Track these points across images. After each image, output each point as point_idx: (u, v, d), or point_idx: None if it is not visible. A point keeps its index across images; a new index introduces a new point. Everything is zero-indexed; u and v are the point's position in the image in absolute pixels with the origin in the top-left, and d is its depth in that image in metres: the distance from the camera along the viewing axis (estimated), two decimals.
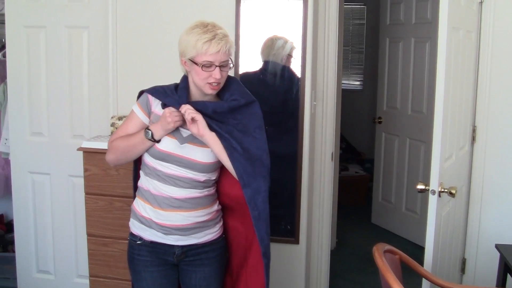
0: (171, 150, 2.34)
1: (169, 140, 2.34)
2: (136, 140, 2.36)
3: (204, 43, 2.21)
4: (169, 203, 2.37)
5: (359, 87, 7.92)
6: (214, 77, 2.26)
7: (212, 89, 2.30)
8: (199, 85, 2.31)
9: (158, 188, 2.38)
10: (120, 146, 2.39)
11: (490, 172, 3.64)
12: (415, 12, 5.26)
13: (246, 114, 2.39)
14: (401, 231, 5.57)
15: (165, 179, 2.36)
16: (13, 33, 3.73)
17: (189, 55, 2.26)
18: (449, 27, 2.70)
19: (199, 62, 2.24)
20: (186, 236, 2.41)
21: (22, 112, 3.79)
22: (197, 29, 2.25)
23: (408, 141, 5.44)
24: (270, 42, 3.42)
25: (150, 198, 2.41)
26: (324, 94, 3.75)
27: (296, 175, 3.43)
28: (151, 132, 2.31)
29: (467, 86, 3.37)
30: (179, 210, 2.37)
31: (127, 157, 2.43)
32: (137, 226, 2.47)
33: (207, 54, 2.22)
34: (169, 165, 2.35)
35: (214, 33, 2.23)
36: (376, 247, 2.49)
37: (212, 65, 2.24)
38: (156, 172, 2.38)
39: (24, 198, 3.88)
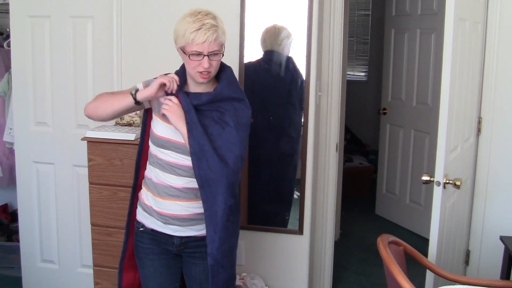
0: (168, 136, 2.38)
1: (166, 126, 2.38)
2: (120, 93, 2.44)
3: (191, 33, 2.24)
4: (168, 192, 2.41)
5: (364, 78, 7.90)
6: (202, 66, 2.27)
7: (203, 78, 2.32)
8: (190, 74, 2.36)
9: (158, 176, 2.43)
10: (103, 98, 2.44)
11: (495, 164, 3.63)
12: (421, 3, 5.23)
13: (229, 108, 2.39)
14: (405, 223, 5.56)
15: (165, 167, 2.40)
16: (17, 23, 3.73)
17: (179, 44, 2.31)
18: (455, 18, 2.68)
19: (188, 52, 2.27)
20: (184, 227, 2.44)
21: (27, 102, 3.79)
22: (188, 18, 2.28)
23: (412, 132, 5.43)
24: (274, 31, 3.41)
25: (152, 186, 2.46)
26: (329, 85, 3.74)
27: (301, 166, 3.43)
28: (136, 90, 2.37)
29: (473, 78, 3.36)
30: (177, 199, 2.41)
31: (105, 107, 2.42)
32: (141, 213, 2.54)
33: (194, 44, 2.24)
34: (169, 152, 2.39)
35: (201, 22, 2.24)
36: (381, 238, 2.49)
37: (201, 54, 2.26)
38: (158, 160, 2.42)
39: (28, 188, 3.88)
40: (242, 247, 3.54)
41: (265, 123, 3.47)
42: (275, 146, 3.53)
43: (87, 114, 2.48)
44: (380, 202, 5.98)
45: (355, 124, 7.35)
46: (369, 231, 5.48)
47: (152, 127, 2.47)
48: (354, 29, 7.63)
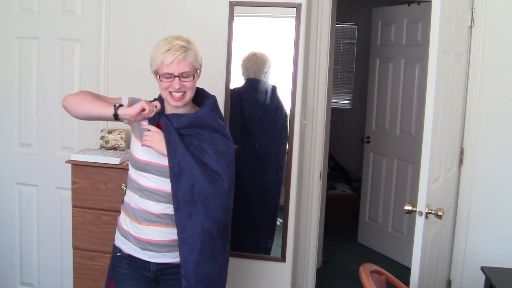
0: (149, 159, 2.37)
1: (145, 149, 2.37)
2: (103, 101, 2.42)
3: (160, 55, 2.28)
4: (145, 217, 2.39)
5: (348, 106, 7.95)
6: (173, 87, 2.29)
7: (175, 100, 2.33)
8: (163, 96, 2.37)
9: (137, 201, 2.41)
10: (88, 95, 2.43)
11: (477, 194, 3.66)
12: (406, 34, 5.31)
13: (206, 137, 2.37)
14: (387, 251, 5.57)
15: (143, 193, 2.39)
16: (5, 43, 3.73)
17: (152, 67, 2.35)
18: (439, 50, 2.73)
19: (159, 74, 2.30)
20: (160, 254, 2.42)
21: (11, 123, 3.78)
22: (160, 41, 2.33)
23: (396, 161, 5.46)
24: (255, 59, 3.44)
25: (130, 211, 2.45)
26: (314, 113, 3.77)
27: (284, 193, 3.44)
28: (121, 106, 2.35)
29: (456, 109, 3.40)
30: (155, 224, 2.39)
31: (83, 107, 2.39)
32: (119, 238, 2.52)
33: (164, 65, 2.28)
34: (150, 175, 2.37)
35: (171, 44, 2.28)
36: (363, 267, 2.49)
37: (172, 75, 2.28)
38: (137, 185, 2.41)
39: (10, 209, 3.85)
40: None
41: (249, 150, 3.48)
42: (259, 173, 3.54)
43: (64, 104, 2.44)
44: (362, 230, 5.99)
45: (339, 151, 7.38)
46: (352, 258, 5.48)
47: (132, 150, 2.45)
48: (339, 57, 7.70)
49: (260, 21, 3.45)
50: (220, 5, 3.38)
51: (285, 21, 3.36)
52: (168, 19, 3.47)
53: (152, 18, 3.49)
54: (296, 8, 3.30)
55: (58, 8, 3.64)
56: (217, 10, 3.40)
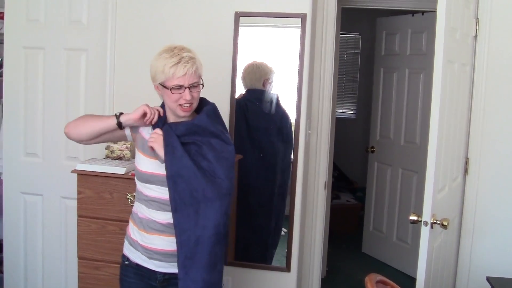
0: (153, 171, 2.39)
1: (149, 161, 2.40)
2: (101, 117, 2.48)
3: (171, 68, 2.28)
4: (153, 227, 2.41)
5: (353, 116, 7.95)
6: (184, 99, 2.31)
7: (184, 111, 2.36)
8: (171, 108, 2.38)
9: (144, 212, 2.44)
10: (87, 116, 2.52)
11: (482, 204, 3.65)
12: (410, 44, 5.31)
13: (205, 142, 2.39)
14: (392, 261, 5.56)
15: (150, 203, 2.42)
16: (11, 53, 3.75)
17: (159, 80, 2.33)
18: (444, 60, 2.73)
19: (169, 86, 2.30)
20: (167, 263, 2.42)
21: (17, 132, 3.80)
22: (164, 54, 2.33)
23: (400, 171, 5.45)
24: (252, 68, 3.47)
25: (137, 221, 2.48)
26: (319, 123, 3.78)
27: (290, 203, 3.44)
28: (121, 114, 2.41)
29: (461, 118, 3.40)
30: (162, 234, 2.40)
31: (85, 126, 2.45)
32: (127, 247, 2.55)
33: (175, 78, 2.28)
34: (154, 186, 2.39)
35: (180, 56, 2.29)
36: (369, 277, 2.48)
37: (182, 87, 2.30)
38: (143, 196, 2.44)
39: (15, 219, 3.86)
40: (229, 284, 3.52)
41: (254, 159, 3.49)
42: (265, 182, 3.54)
43: (67, 131, 2.49)
44: (367, 240, 5.98)
45: (343, 161, 7.37)
46: (356, 268, 5.46)
47: (136, 164, 2.49)
48: (343, 66, 7.70)
49: (265, 31, 3.47)
50: (226, 15, 3.40)
51: (290, 31, 3.37)
52: (174, 30, 3.49)
53: (158, 28, 3.51)
54: (301, 19, 3.31)
55: (64, 19, 3.67)
56: (222, 20, 3.41)
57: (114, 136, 2.51)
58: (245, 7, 3.39)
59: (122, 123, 2.40)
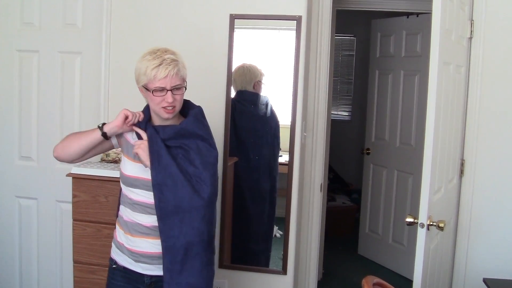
0: (137, 174, 2.40)
1: (134, 165, 2.41)
2: (86, 133, 2.45)
3: (152, 70, 2.27)
4: (138, 230, 2.42)
5: (348, 118, 7.96)
6: (166, 101, 2.30)
7: (167, 113, 2.35)
8: (155, 110, 2.38)
9: (129, 215, 2.45)
10: (71, 136, 2.47)
11: (478, 206, 3.65)
12: (405, 46, 5.32)
13: (193, 147, 2.39)
14: (388, 263, 5.56)
15: (134, 206, 2.42)
16: (5, 57, 3.74)
17: (141, 82, 2.34)
18: (440, 62, 2.73)
19: (151, 88, 2.30)
20: (153, 266, 2.44)
21: (12, 136, 3.79)
22: (147, 56, 2.33)
23: (396, 173, 5.46)
24: (243, 70, 3.46)
25: (123, 224, 2.49)
26: (314, 125, 3.77)
27: (285, 205, 3.43)
28: (103, 124, 2.41)
29: (456, 120, 3.40)
30: (147, 237, 2.41)
31: (72, 145, 2.44)
32: (114, 250, 2.56)
33: (157, 80, 2.28)
34: (139, 190, 2.40)
35: (161, 58, 2.29)
36: (365, 279, 2.48)
37: (164, 89, 2.29)
38: (128, 200, 2.45)
39: (10, 223, 3.85)
40: (225, 287, 3.51)
41: (242, 161, 3.49)
42: (254, 184, 3.54)
43: (56, 155, 2.49)
44: (363, 242, 5.98)
45: (338, 163, 7.37)
46: (352, 270, 5.47)
47: (121, 167, 2.49)
48: (338, 69, 7.71)
49: (260, 33, 3.46)
50: (221, 18, 3.39)
51: (285, 34, 3.37)
52: (169, 32, 3.48)
53: (153, 31, 3.50)
54: (296, 21, 3.31)
55: (59, 22, 3.66)
56: (217, 23, 3.40)
57: (104, 147, 2.52)
58: (240, 9, 3.38)
59: (107, 133, 2.40)
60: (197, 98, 2.46)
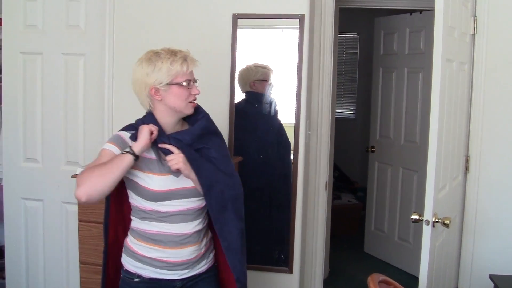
0: (170, 187, 2.31)
1: (162, 179, 2.31)
2: (113, 162, 2.17)
3: (182, 64, 2.27)
4: (178, 241, 2.35)
5: (352, 116, 7.95)
6: (194, 93, 2.33)
7: (193, 107, 2.36)
8: (179, 107, 2.33)
9: (160, 228, 2.34)
10: (95, 171, 2.13)
11: (483, 202, 3.65)
12: (409, 43, 5.31)
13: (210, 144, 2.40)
14: (394, 261, 5.55)
15: (169, 219, 2.33)
16: (9, 59, 3.76)
17: (166, 80, 2.27)
18: (443, 59, 2.73)
19: (181, 82, 2.29)
20: (189, 269, 2.40)
21: (17, 138, 3.79)
22: (164, 55, 2.30)
23: (401, 170, 5.45)
24: (247, 71, 3.48)
25: (155, 239, 2.35)
26: (319, 124, 3.77)
27: (290, 205, 3.42)
28: (130, 147, 2.22)
29: (460, 117, 3.40)
30: (187, 245, 2.37)
31: (104, 182, 2.12)
32: (135, 265, 2.40)
33: (186, 73, 2.29)
34: (172, 202, 2.32)
35: (183, 53, 2.32)
36: (371, 277, 2.48)
37: (190, 82, 2.31)
38: (158, 214, 2.33)
39: (16, 224, 3.85)
40: None
41: (255, 161, 3.49)
42: (264, 184, 3.54)
43: (86, 199, 2.10)
44: (368, 240, 5.97)
45: (343, 161, 7.36)
46: (358, 268, 5.46)
47: (143, 184, 2.31)
48: (342, 67, 7.70)
49: (263, 32, 3.46)
50: (224, 17, 3.40)
51: (288, 32, 3.37)
52: (171, 33, 3.48)
53: (156, 32, 3.51)
54: (299, 19, 3.31)
55: (62, 24, 3.67)
56: (220, 22, 3.41)
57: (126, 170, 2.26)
58: (243, 9, 3.38)
59: (139, 156, 2.23)
60: (200, 98, 2.45)
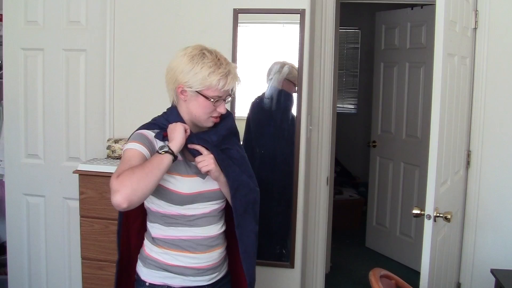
0: (198, 189, 2.22)
1: (191, 180, 2.21)
2: (152, 163, 2.02)
3: (220, 79, 2.11)
4: (207, 244, 2.26)
5: (353, 111, 7.95)
6: (219, 111, 2.18)
7: (214, 122, 2.23)
8: (199, 117, 2.20)
9: (191, 232, 2.24)
10: (135, 174, 1.94)
11: (485, 197, 3.65)
12: (410, 37, 5.31)
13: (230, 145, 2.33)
14: (396, 255, 5.56)
15: (197, 222, 2.24)
16: (10, 55, 3.75)
17: (196, 87, 2.12)
18: (444, 54, 2.72)
19: (210, 96, 2.13)
20: (216, 273, 2.35)
21: (18, 134, 3.79)
22: (206, 59, 2.13)
23: (402, 165, 5.45)
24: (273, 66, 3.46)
25: (184, 245, 2.24)
26: (320, 119, 3.77)
27: (292, 199, 3.43)
28: (167, 146, 2.08)
29: (462, 111, 3.39)
30: (216, 248, 2.30)
31: (146, 185, 1.95)
32: (162, 276, 2.26)
33: (218, 90, 2.12)
34: (198, 204, 2.23)
35: (228, 68, 2.14)
36: (373, 272, 2.48)
37: (220, 99, 2.16)
38: (186, 218, 2.22)
39: (18, 220, 3.86)
40: None
41: (257, 156, 3.49)
42: (266, 180, 3.54)
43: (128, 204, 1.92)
44: (370, 235, 5.98)
45: (345, 156, 7.37)
46: (360, 263, 5.47)
47: (171, 187, 2.19)
48: (343, 61, 7.70)
49: (264, 28, 3.46)
50: (224, 12, 3.39)
51: (289, 27, 3.37)
52: (172, 28, 3.48)
53: (156, 27, 3.50)
54: (300, 14, 3.30)
55: (63, 20, 3.66)
56: (221, 17, 3.40)
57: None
58: (243, 3, 3.38)
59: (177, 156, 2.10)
60: None
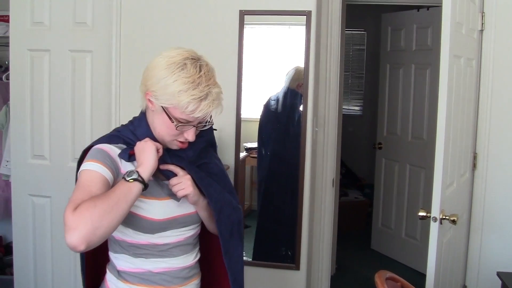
0: (172, 214, 1.91)
1: (165, 204, 1.90)
2: (117, 194, 1.66)
3: (190, 102, 1.73)
4: (183, 276, 1.97)
5: (359, 112, 7.94)
6: (185, 137, 1.83)
7: (178, 147, 1.88)
8: (162, 137, 1.86)
9: (165, 264, 1.94)
10: (96, 208, 1.59)
11: (491, 199, 3.64)
12: (416, 39, 5.30)
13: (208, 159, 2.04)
14: (401, 257, 5.55)
15: (172, 252, 1.94)
16: (17, 56, 3.76)
17: (162, 101, 1.78)
18: (450, 55, 2.72)
19: (175, 118, 1.79)
20: None
21: (24, 135, 3.80)
22: (184, 72, 1.77)
23: (408, 167, 5.44)
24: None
25: (155, 280, 1.92)
26: (326, 120, 3.77)
27: (297, 201, 3.42)
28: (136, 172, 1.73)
29: (468, 113, 3.39)
30: (193, 279, 2.03)
31: (109, 223, 1.60)
32: None
33: (189, 114, 1.76)
34: (172, 231, 1.93)
35: (207, 90, 1.76)
36: (378, 274, 2.48)
37: (189, 124, 1.81)
38: (157, 248, 1.91)
39: (24, 221, 3.86)
40: None
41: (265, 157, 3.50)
42: (272, 181, 3.54)
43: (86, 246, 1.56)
44: (375, 236, 5.97)
45: (350, 158, 7.36)
46: (365, 265, 5.46)
47: (141, 213, 1.85)
48: (349, 63, 7.68)
49: (270, 29, 3.46)
50: (230, 14, 3.39)
51: (295, 29, 3.37)
52: (178, 30, 3.48)
53: (162, 28, 3.51)
54: (306, 16, 3.30)
55: (69, 21, 3.67)
56: (227, 19, 3.40)
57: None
58: (249, 5, 3.38)
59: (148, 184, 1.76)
60: None
